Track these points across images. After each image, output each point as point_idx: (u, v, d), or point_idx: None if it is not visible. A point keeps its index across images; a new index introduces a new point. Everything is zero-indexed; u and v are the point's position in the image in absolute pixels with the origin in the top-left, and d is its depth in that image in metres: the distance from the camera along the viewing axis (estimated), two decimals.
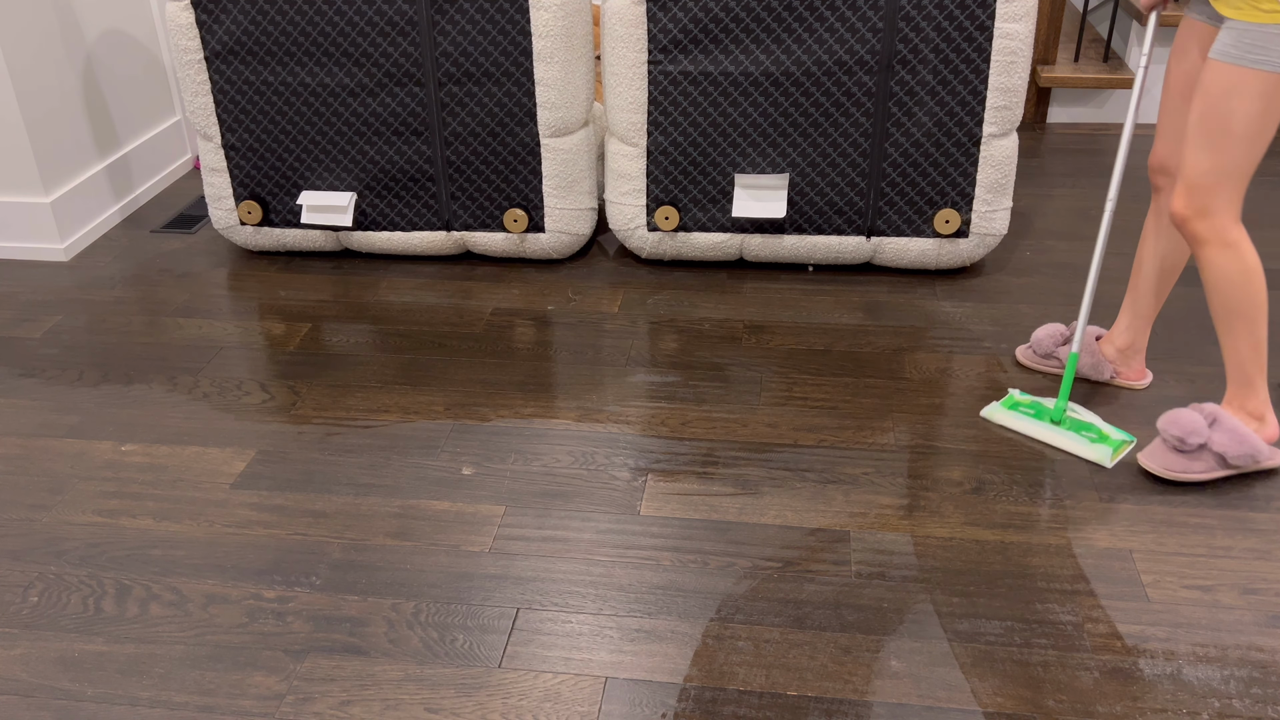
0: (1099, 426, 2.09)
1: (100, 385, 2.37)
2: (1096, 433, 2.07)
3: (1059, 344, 2.27)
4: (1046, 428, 2.10)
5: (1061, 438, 2.07)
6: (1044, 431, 2.10)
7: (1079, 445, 2.05)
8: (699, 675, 1.61)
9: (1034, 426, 2.11)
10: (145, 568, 1.84)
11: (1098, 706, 1.54)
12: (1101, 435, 2.06)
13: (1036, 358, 2.31)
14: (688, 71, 2.55)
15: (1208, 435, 1.93)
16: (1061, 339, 2.27)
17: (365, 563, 1.84)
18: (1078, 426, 2.09)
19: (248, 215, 2.83)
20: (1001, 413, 2.16)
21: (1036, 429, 2.11)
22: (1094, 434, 2.06)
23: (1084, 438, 2.06)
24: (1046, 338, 2.29)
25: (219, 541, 1.90)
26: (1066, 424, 2.09)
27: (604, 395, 2.28)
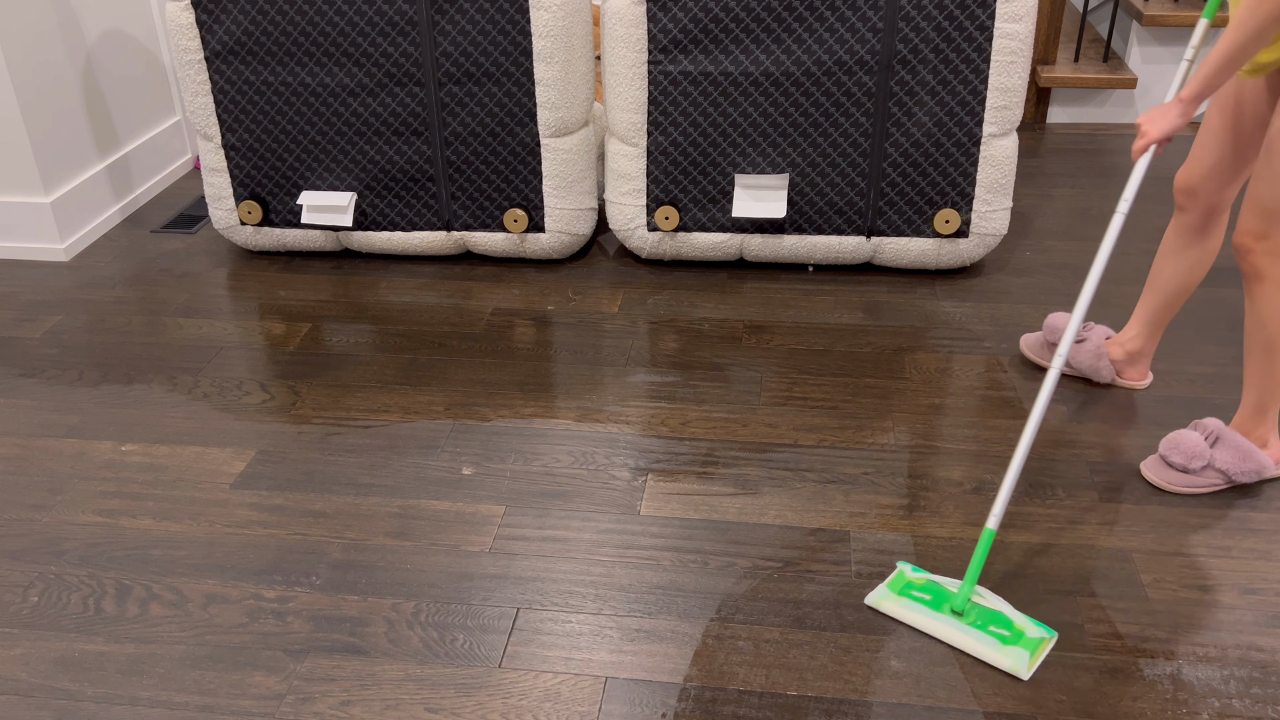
0: (1011, 619, 1.66)
1: (100, 385, 2.37)
2: (1009, 627, 1.65)
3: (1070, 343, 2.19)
4: (944, 622, 1.67)
5: (964, 637, 1.64)
6: (941, 627, 1.66)
7: (986, 648, 1.62)
8: (699, 675, 1.61)
9: (929, 620, 1.68)
10: (145, 568, 1.84)
11: (1098, 706, 1.54)
12: (1015, 633, 1.64)
13: (1040, 353, 2.28)
14: (688, 71, 2.55)
15: (1210, 455, 1.92)
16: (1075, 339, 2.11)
17: (365, 563, 1.84)
18: (985, 620, 1.66)
19: (248, 215, 2.83)
20: (889, 600, 1.71)
21: (932, 623, 1.67)
22: (1006, 630, 1.65)
23: (992, 636, 1.63)
24: (1058, 330, 2.23)
25: (219, 541, 1.90)
26: (970, 616, 1.67)
27: (604, 395, 2.28)
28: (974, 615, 1.67)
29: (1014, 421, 2.16)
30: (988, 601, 1.70)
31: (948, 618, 1.67)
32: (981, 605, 1.69)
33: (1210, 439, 1.94)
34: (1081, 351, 2.19)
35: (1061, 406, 2.20)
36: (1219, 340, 2.42)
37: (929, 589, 1.72)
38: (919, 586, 1.73)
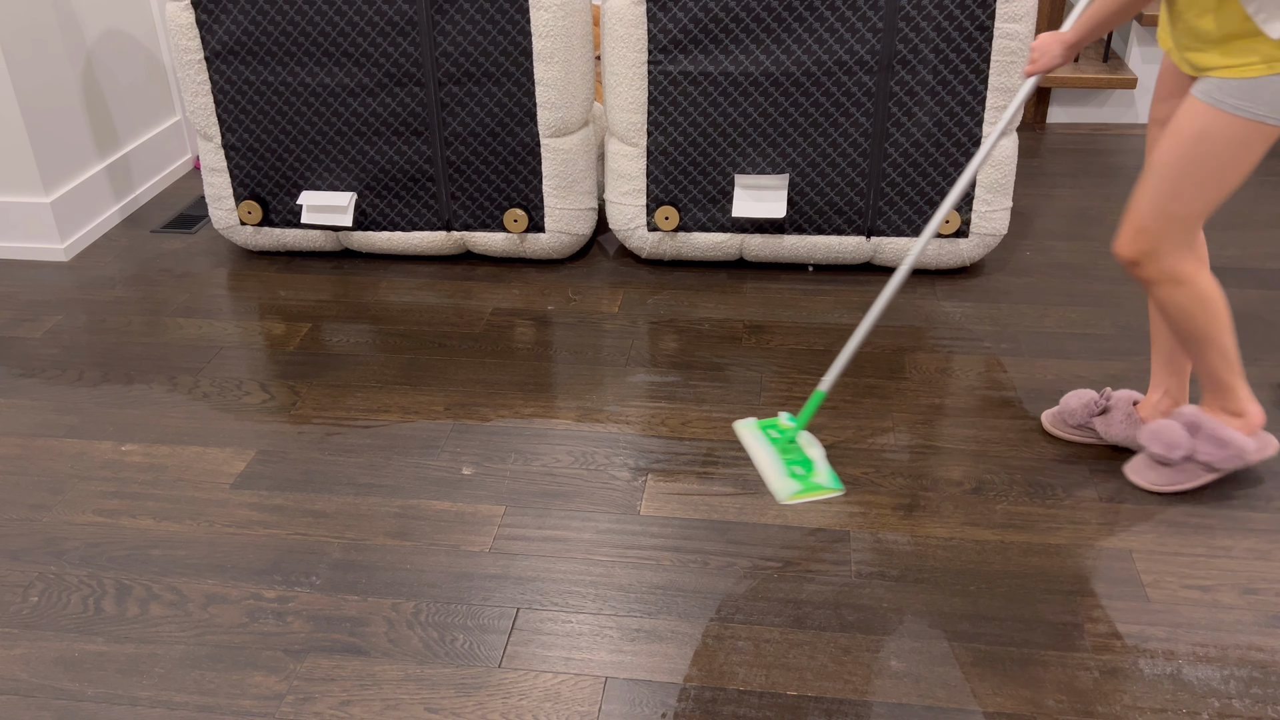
0: (814, 466, 1.97)
1: (100, 385, 2.37)
2: (809, 471, 1.96)
3: (1093, 413, 2.07)
4: (764, 453, 1.99)
5: (766, 464, 1.97)
6: (759, 455, 1.99)
7: (773, 475, 1.94)
8: (699, 675, 1.61)
9: (758, 450, 2.00)
10: (145, 568, 1.84)
11: (1098, 706, 1.54)
12: (807, 474, 1.95)
13: (1068, 428, 2.11)
14: (688, 71, 2.55)
15: (1190, 445, 1.91)
16: (1096, 408, 2.06)
17: (365, 563, 1.84)
18: (796, 459, 1.97)
19: (248, 215, 2.83)
20: (748, 429, 2.06)
21: (756, 447, 2.01)
22: (803, 470, 1.95)
23: (788, 469, 1.95)
24: (1080, 407, 2.08)
25: (219, 541, 1.90)
26: (789, 454, 1.97)
27: (604, 395, 2.28)
28: (792, 454, 1.98)
29: (1014, 421, 2.16)
30: (811, 451, 2.00)
31: (772, 452, 1.99)
32: (803, 451, 2.00)
33: (1190, 428, 1.92)
34: (1112, 424, 2.05)
35: None
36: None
37: (783, 433, 2.02)
38: (778, 429, 2.04)
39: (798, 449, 2.00)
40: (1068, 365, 2.35)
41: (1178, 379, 2.03)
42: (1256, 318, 2.51)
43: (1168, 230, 1.74)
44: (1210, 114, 1.65)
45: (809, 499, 1.91)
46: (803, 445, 2.02)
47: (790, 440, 2.01)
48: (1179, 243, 1.75)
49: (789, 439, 2.01)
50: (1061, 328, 2.49)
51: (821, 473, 1.97)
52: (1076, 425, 2.10)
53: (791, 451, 2.00)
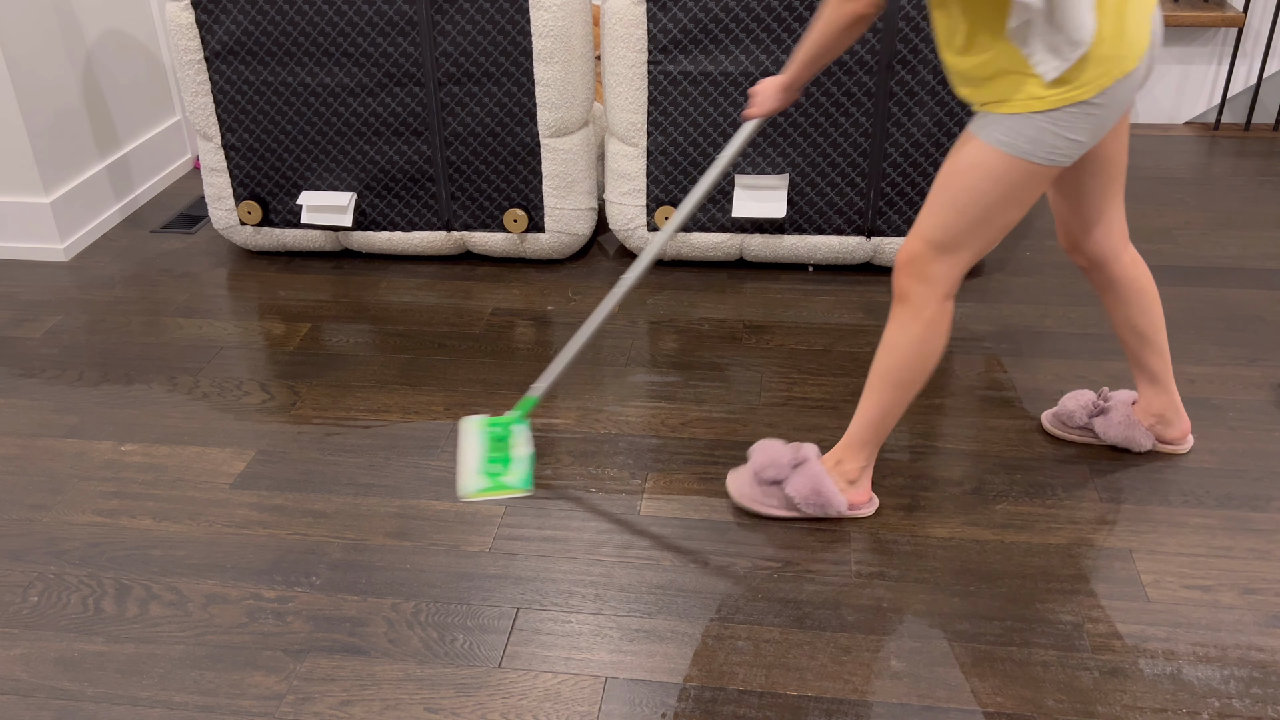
0: (512, 464, 2.01)
1: (100, 385, 2.37)
2: (504, 468, 2.00)
3: (1092, 414, 2.05)
4: (475, 443, 2.06)
5: (468, 455, 2.05)
6: (466, 446, 2.08)
7: (467, 468, 2.02)
8: (699, 675, 1.61)
9: (468, 440, 2.08)
10: (145, 568, 1.84)
11: (1098, 706, 1.54)
12: (500, 471, 1.99)
13: (1067, 429, 2.09)
14: (688, 71, 2.55)
15: (786, 475, 1.87)
16: (1095, 409, 2.04)
17: (365, 563, 1.84)
18: (498, 457, 2.02)
19: (248, 215, 2.83)
20: (469, 424, 2.10)
21: (466, 442, 2.08)
22: (500, 469, 2.00)
23: (486, 463, 2.01)
24: (1078, 409, 2.06)
25: (219, 541, 1.90)
26: (494, 445, 2.03)
27: (604, 395, 2.28)
28: (498, 452, 2.02)
29: (1014, 421, 2.16)
30: (516, 450, 2.04)
31: (480, 448, 2.04)
32: (508, 450, 2.03)
33: (797, 461, 1.87)
34: (1111, 425, 2.03)
35: None
36: (1219, 340, 2.42)
37: (502, 431, 2.04)
38: (504, 426, 2.04)
39: (505, 448, 2.03)
40: (1068, 365, 2.35)
41: (1157, 380, 1.99)
42: (1256, 318, 2.51)
43: (940, 257, 1.68)
44: (977, 147, 1.61)
45: (491, 497, 1.96)
46: (512, 445, 2.05)
47: (501, 439, 2.03)
48: (947, 274, 1.69)
49: (500, 437, 2.04)
50: (1061, 328, 2.49)
51: (514, 472, 2.00)
52: (1076, 427, 2.08)
53: (498, 449, 2.03)
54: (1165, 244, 2.87)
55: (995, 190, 1.61)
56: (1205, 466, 2.02)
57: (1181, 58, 3.63)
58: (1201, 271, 2.73)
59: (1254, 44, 3.59)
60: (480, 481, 1.98)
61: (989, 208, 1.63)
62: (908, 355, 1.74)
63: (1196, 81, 3.66)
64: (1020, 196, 1.63)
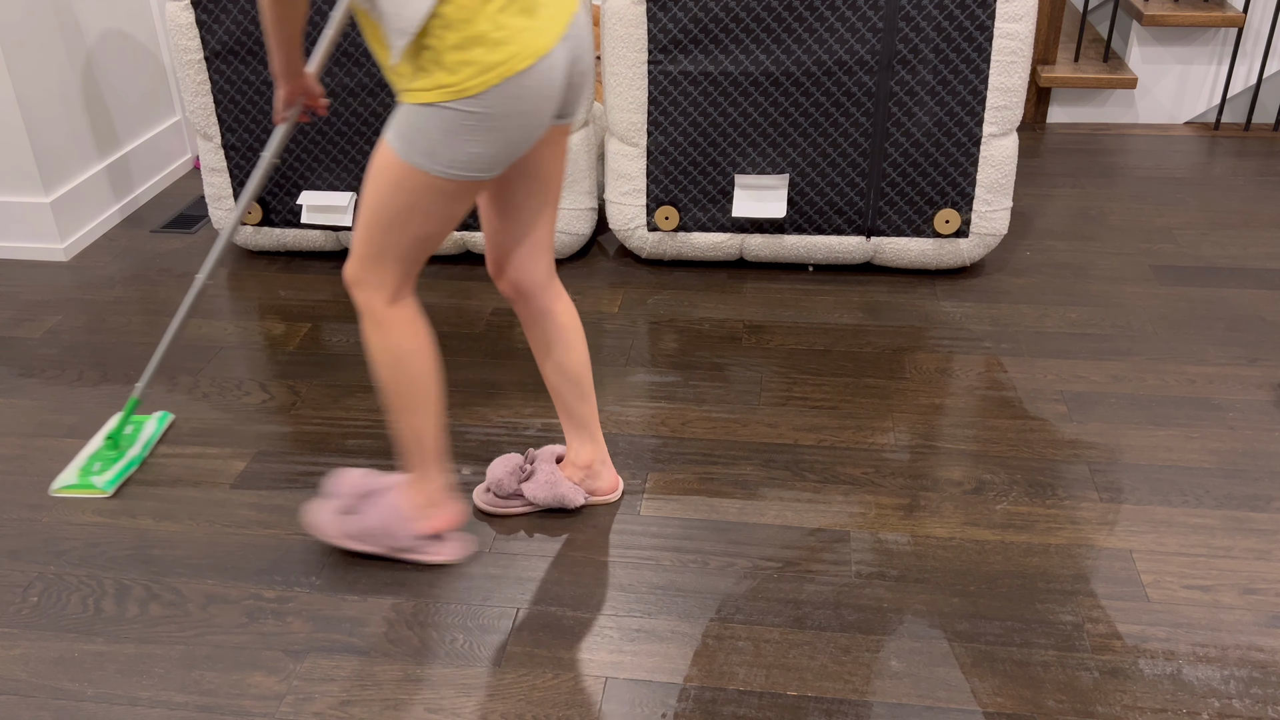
0: (105, 464, 2.05)
1: (100, 385, 2.37)
2: (104, 465, 2.04)
3: (522, 479, 1.91)
4: (99, 437, 2.12)
5: (85, 450, 2.09)
6: (93, 441, 2.12)
7: (68, 469, 2.05)
8: (699, 675, 1.61)
9: (97, 435, 2.14)
10: (145, 568, 1.84)
11: (1098, 706, 1.54)
12: (98, 470, 2.03)
13: (499, 501, 1.92)
14: (688, 71, 2.55)
15: (356, 503, 1.80)
16: (524, 474, 1.91)
17: (365, 563, 1.84)
18: (105, 453, 2.07)
19: (248, 215, 2.83)
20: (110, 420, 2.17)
21: (94, 437, 2.13)
22: (96, 466, 2.04)
23: (86, 463, 2.05)
24: (506, 476, 1.90)
25: (219, 541, 1.90)
26: (108, 441, 2.07)
27: (604, 395, 2.28)
28: (106, 450, 2.06)
29: (1014, 421, 2.16)
30: (129, 453, 2.08)
31: (96, 444, 2.10)
32: (118, 450, 2.07)
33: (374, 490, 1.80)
34: (538, 488, 1.89)
35: (1060, 406, 2.20)
36: (1219, 340, 2.42)
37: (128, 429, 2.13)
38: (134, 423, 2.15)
39: (117, 447, 2.07)
40: (1068, 365, 2.35)
41: (584, 429, 1.88)
42: (1257, 318, 2.51)
43: (370, 262, 1.57)
44: (383, 148, 1.50)
45: (73, 494, 2.00)
46: (126, 445, 2.09)
47: (115, 437, 2.07)
48: (383, 281, 1.58)
49: (114, 435, 2.06)
50: (1061, 328, 2.49)
51: (105, 474, 2.02)
52: (507, 496, 1.92)
53: (110, 448, 2.06)
54: (1165, 244, 2.87)
55: (398, 199, 1.50)
56: (1205, 466, 2.02)
57: (1181, 58, 3.63)
58: (1201, 271, 2.73)
59: (1254, 44, 3.59)
60: (69, 477, 2.02)
61: (395, 216, 1.51)
62: (386, 367, 1.64)
63: (1196, 81, 3.66)
64: (431, 210, 1.51)
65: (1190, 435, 2.11)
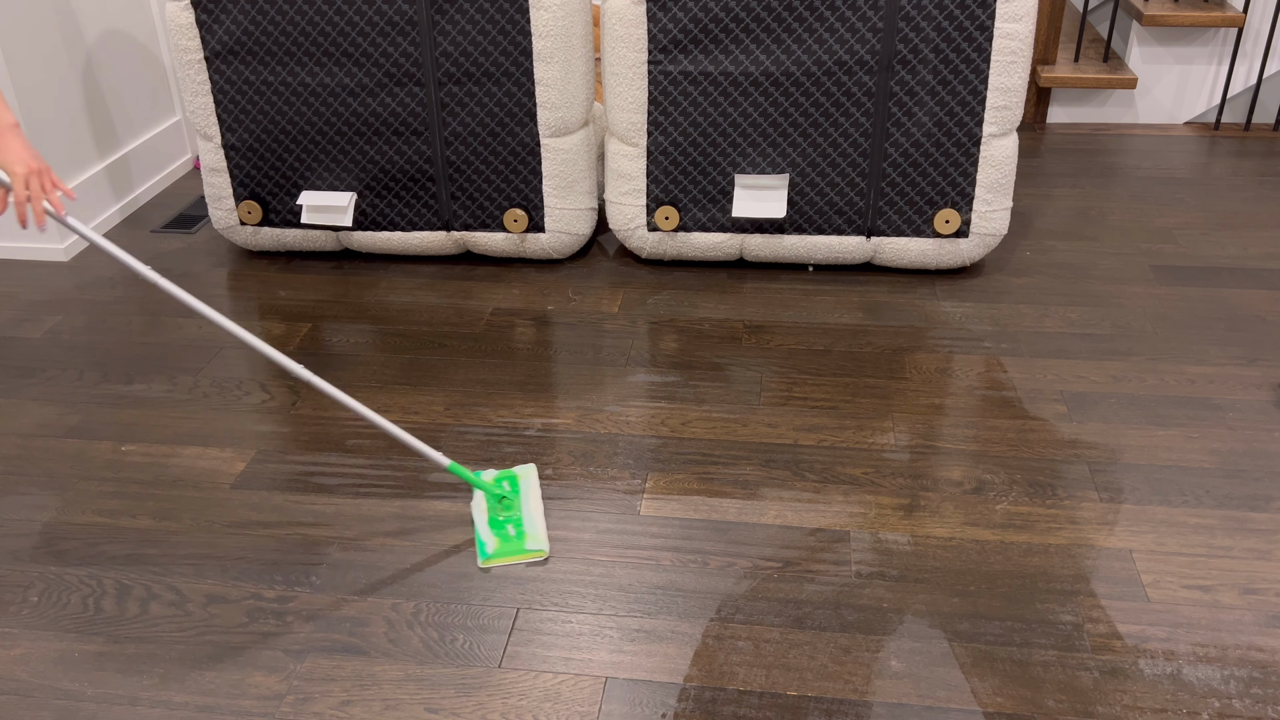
0: (524, 527, 1.88)
1: (100, 385, 2.37)
2: (519, 531, 1.87)
3: None
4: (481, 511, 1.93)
5: (480, 522, 1.91)
6: (479, 514, 1.93)
7: (484, 531, 1.88)
8: (699, 675, 1.61)
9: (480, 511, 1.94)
10: (145, 568, 1.84)
11: (1098, 706, 1.54)
12: (518, 536, 1.86)
13: None
14: (688, 71, 2.55)
15: None
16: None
17: (365, 563, 1.84)
18: (501, 520, 1.91)
19: (248, 215, 2.83)
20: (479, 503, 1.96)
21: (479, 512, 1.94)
22: (515, 530, 1.88)
23: (499, 528, 1.89)
24: None
25: (219, 541, 1.90)
26: (508, 509, 1.92)
27: (604, 395, 2.28)
28: (502, 509, 1.92)
29: (1014, 421, 2.16)
30: (525, 509, 1.93)
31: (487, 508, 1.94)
32: (515, 512, 1.92)
33: None
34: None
35: (1060, 406, 2.20)
36: (1219, 340, 2.42)
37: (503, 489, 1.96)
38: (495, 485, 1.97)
39: (509, 507, 1.93)
40: (1068, 365, 2.35)
41: None
42: (1257, 318, 2.51)
43: None
44: None
45: (512, 560, 1.84)
46: (514, 500, 1.95)
47: (496, 499, 1.94)
48: None
49: (496, 498, 1.94)
50: (1061, 328, 2.49)
51: (534, 533, 1.87)
52: None
53: (505, 507, 1.93)
54: (1165, 244, 2.87)
55: None
56: (1205, 466, 2.02)
57: (1181, 58, 3.63)
58: (1201, 271, 2.73)
59: (1254, 44, 3.59)
60: (490, 545, 1.86)
61: None
62: None
63: (1196, 81, 3.66)
64: None
65: (1190, 435, 2.11)
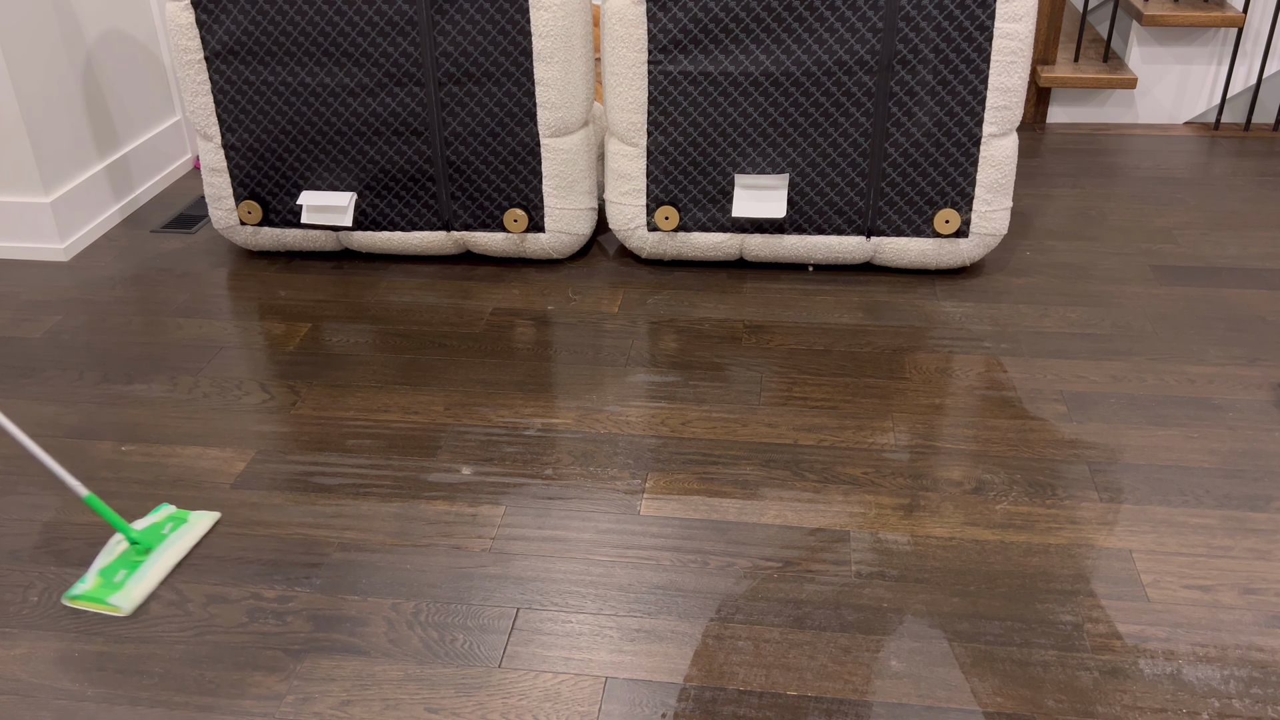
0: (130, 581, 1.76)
1: (100, 385, 2.37)
2: (129, 570, 1.78)
3: None
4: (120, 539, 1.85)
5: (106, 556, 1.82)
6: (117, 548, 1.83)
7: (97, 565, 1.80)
8: (699, 675, 1.61)
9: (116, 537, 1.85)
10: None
11: (1098, 706, 1.54)
12: (121, 579, 1.77)
13: None
14: (688, 71, 2.55)
15: None
16: None
17: (365, 563, 1.84)
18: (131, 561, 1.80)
19: (248, 215, 2.83)
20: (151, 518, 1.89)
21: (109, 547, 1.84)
22: (125, 573, 1.78)
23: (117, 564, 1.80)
24: None
25: (219, 541, 1.90)
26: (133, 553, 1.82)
27: (604, 395, 2.28)
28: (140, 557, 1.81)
29: (1014, 421, 2.16)
30: (151, 561, 1.81)
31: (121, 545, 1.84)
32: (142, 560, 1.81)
33: None
34: None
35: (1060, 406, 2.20)
36: (1219, 340, 2.42)
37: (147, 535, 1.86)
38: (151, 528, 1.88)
39: (145, 551, 1.82)
40: (1068, 365, 2.35)
41: None
42: (1257, 318, 2.51)
43: None
44: None
45: (87, 606, 1.75)
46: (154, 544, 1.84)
47: (145, 537, 1.85)
48: None
49: (147, 535, 1.86)
50: (1061, 328, 2.49)
51: (128, 586, 1.76)
52: None
53: (138, 550, 1.83)
54: (1165, 244, 2.87)
55: None
56: (1205, 466, 2.03)
57: (1181, 58, 3.63)
58: (1201, 271, 2.73)
59: (1254, 44, 3.59)
60: (88, 584, 1.77)
61: None
62: None
63: (1196, 81, 3.66)
64: None
65: (1190, 435, 2.11)
